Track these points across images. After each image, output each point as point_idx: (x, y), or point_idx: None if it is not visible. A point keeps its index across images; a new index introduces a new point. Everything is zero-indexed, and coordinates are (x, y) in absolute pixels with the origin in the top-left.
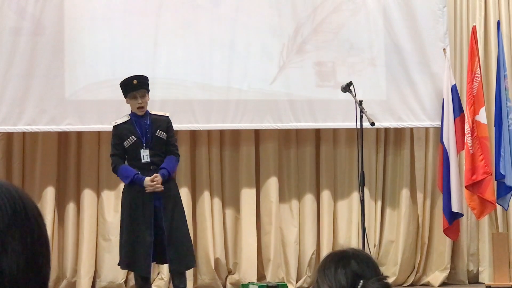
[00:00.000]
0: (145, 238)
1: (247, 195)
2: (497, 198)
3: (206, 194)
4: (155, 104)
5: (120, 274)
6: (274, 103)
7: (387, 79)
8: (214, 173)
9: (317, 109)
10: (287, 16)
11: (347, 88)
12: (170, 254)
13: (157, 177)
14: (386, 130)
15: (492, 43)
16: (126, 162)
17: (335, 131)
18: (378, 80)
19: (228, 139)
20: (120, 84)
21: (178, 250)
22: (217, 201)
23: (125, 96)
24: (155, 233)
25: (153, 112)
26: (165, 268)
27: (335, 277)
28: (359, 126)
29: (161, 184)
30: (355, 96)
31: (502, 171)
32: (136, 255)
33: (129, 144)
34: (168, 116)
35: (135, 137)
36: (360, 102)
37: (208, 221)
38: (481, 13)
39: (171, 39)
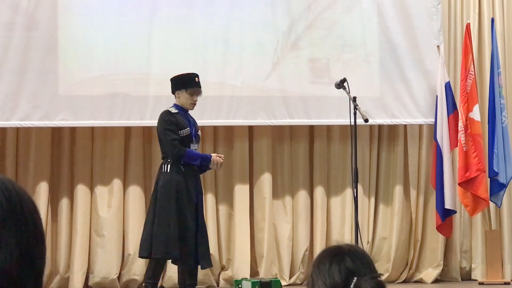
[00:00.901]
0: (191, 232)
1: (241, 191)
2: (490, 195)
3: None
4: (149, 100)
5: (113, 270)
6: (268, 100)
7: (381, 76)
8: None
9: (311, 106)
10: (281, 13)
11: (341, 84)
12: (201, 250)
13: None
14: (380, 126)
15: (486, 41)
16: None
17: (328, 127)
18: (372, 77)
19: (222, 135)
20: (178, 77)
21: (206, 246)
22: (210, 197)
23: (180, 89)
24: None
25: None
26: None
27: (329, 273)
28: (352, 123)
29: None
30: (349, 92)
31: (495, 168)
32: (187, 248)
33: (183, 135)
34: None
35: (189, 130)
36: (354, 99)
37: None
38: (475, 10)
39: (165, 34)
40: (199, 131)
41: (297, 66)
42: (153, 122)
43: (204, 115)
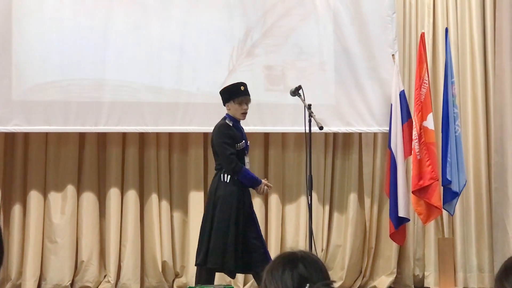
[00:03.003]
0: (252, 241)
1: (195, 198)
2: (443, 204)
3: (154, 197)
4: (104, 106)
5: (66, 277)
6: (223, 107)
7: (336, 84)
8: (162, 176)
9: (266, 113)
10: (238, 20)
11: (296, 92)
12: (259, 256)
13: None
14: (335, 134)
15: (440, 50)
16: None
17: (283, 135)
18: (327, 84)
19: (177, 142)
20: (225, 89)
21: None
22: (165, 204)
23: (229, 101)
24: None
25: None
26: (112, 271)
27: (282, 279)
28: (307, 130)
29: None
30: (304, 100)
31: (448, 177)
32: (252, 257)
33: (240, 148)
34: None
35: (245, 143)
36: (309, 106)
37: (155, 224)
38: (430, 20)
39: (120, 40)
40: (248, 141)
41: (253, 73)
42: (108, 128)
43: (159, 121)
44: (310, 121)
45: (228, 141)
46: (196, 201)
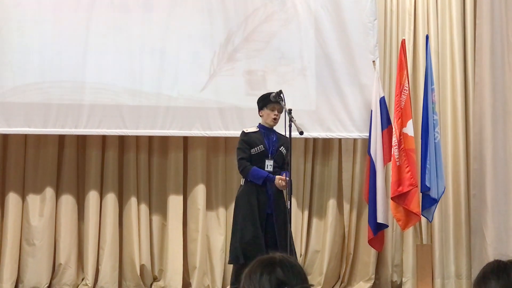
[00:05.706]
0: (259, 238)
1: (174, 202)
2: (422, 210)
3: (133, 200)
4: (84, 108)
5: (43, 279)
6: (203, 111)
7: (317, 89)
8: (141, 179)
9: (246, 118)
10: (219, 24)
11: (277, 96)
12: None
13: (286, 177)
14: (315, 140)
15: (420, 57)
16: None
17: None
18: (308, 90)
19: (157, 146)
20: (259, 99)
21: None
22: (144, 207)
23: (263, 108)
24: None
25: (277, 131)
26: (89, 274)
27: (260, 282)
28: (287, 135)
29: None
30: (285, 105)
31: (427, 183)
32: (253, 251)
33: (256, 152)
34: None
35: (263, 147)
36: (290, 111)
37: (134, 227)
38: (411, 27)
39: (101, 43)
40: (282, 147)
41: (234, 78)
42: (88, 130)
43: (139, 125)
44: (290, 126)
45: (241, 146)
46: (175, 205)
